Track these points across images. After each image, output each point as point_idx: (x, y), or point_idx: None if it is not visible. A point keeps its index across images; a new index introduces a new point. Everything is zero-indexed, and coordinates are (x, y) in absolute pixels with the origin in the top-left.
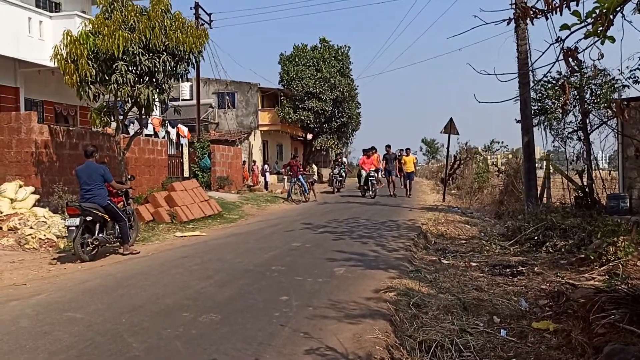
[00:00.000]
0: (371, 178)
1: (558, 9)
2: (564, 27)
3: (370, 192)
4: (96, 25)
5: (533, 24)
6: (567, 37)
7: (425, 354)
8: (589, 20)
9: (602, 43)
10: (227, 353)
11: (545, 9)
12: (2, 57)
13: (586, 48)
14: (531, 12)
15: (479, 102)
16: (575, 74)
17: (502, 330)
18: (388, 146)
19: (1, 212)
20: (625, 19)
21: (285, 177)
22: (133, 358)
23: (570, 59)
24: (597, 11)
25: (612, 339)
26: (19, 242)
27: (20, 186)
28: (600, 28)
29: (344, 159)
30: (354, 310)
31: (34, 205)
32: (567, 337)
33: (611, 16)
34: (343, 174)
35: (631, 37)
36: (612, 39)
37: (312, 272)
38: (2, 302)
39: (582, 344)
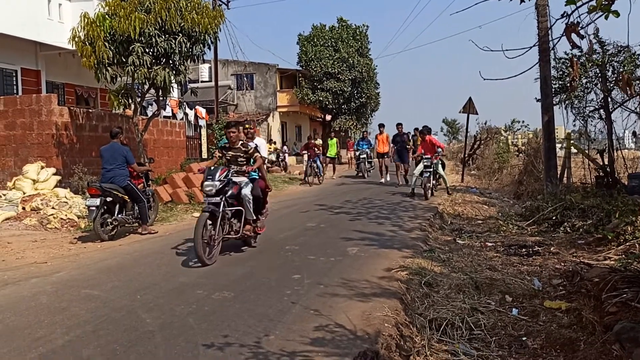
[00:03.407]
0: (426, 169)
1: None
2: (570, 1)
3: (428, 191)
4: (112, 7)
5: None
6: (572, 12)
7: (435, 331)
8: None
9: (606, 18)
10: (238, 329)
11: None
12: (23, 40)
13: (589, 23)
14: None
15: (484, 79)
16: (597, 52)
17: (513, 309)
18: (399, 125)
19: (24, 193)
20: None
21: (304, 158)
22: (147, 333)
23: (573, 35)
24: None
25: (623, 317)
26: (41, 222)
27: (42, 167)
28: (604, 2)
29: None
30: (365, 289)
31: (56, 186)
32: (579, 316)
33: None
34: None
35: None
36: (617, 14)
37: (325, 251)
38: (24, 280)
39: (593, 322)
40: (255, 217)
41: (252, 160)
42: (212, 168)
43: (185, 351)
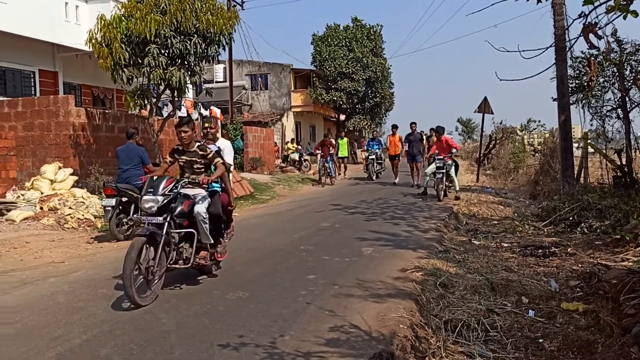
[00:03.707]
0: (439, 170)
1: None
2: (587, 1)
3: (441, 192)
4: (129, 9)
5: None
6: (590, 12)
7: (450, 333)
8: None
9: (625, 18)
10: (253, 329)
11: None
12: (40, 42)
13: (607, 23)
14: None
15: (501, 79)
16: (614, 50)
17: (530, 311)
18: (413, 124)
19: (42, 193)
20: None
21: (318, 157)
22: (162, 333)
23: (591, 35)
24: None
25: None
26: (58, 221)
27: (60, 168)
28: (622, 2)
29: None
30: (380, 290)
31: (73, 186)
32: (596, 318)
33: None
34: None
35: None
36: (635, 14)
37: (339, 251)
38: (42, 279)
39: (611, 324)
40: (213, 241)
41: (212, 167)
42: (155, 178)
43: (200, 351)
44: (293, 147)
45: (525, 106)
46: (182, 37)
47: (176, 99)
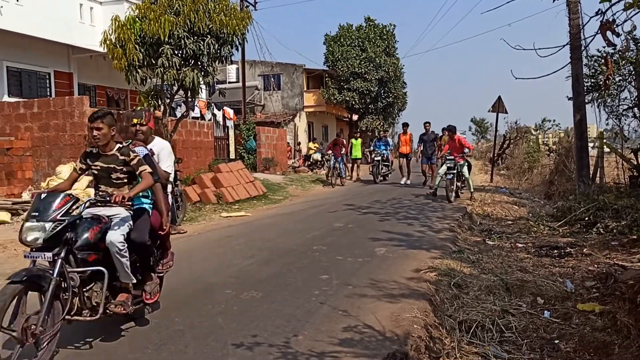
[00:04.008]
0: (449, 171)
1: None
2: None
3: (451, 193)
4: (142, 10)
5: None
6: (607, 9)
7: (465, 333)
8: None
9: None
10: (267, 329)
11: None
12: (56, 44)
13: (625, 20)
14: None
15: (516, 78)
16: (631, 49)
17: (545, 312)
18: (427, 124)
19: None
20: None
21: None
22: (177, 332)
23: (608, 32)
24: None
25: None
26: None
27: None
28: None
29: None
30: (394, 290)
31: (88, 186)
32: (613, 319)
33: None
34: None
35: None
36: None
37: (353, 251)
38: None
39: (628, 325)
40: (136, 280)
41: (138, 177)
42: (44, 196)
43: (214, 350)
44: (315, 146)
45: (540, 105)
46: (196, 37)
47: (189, 99)
